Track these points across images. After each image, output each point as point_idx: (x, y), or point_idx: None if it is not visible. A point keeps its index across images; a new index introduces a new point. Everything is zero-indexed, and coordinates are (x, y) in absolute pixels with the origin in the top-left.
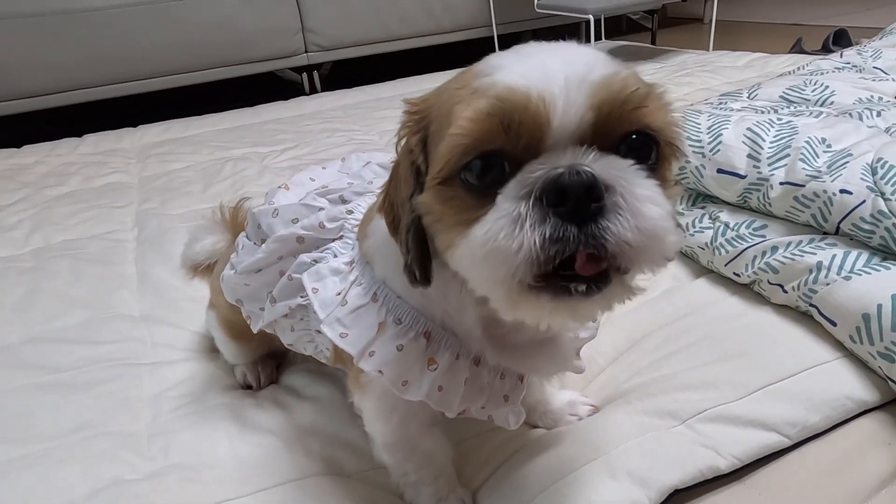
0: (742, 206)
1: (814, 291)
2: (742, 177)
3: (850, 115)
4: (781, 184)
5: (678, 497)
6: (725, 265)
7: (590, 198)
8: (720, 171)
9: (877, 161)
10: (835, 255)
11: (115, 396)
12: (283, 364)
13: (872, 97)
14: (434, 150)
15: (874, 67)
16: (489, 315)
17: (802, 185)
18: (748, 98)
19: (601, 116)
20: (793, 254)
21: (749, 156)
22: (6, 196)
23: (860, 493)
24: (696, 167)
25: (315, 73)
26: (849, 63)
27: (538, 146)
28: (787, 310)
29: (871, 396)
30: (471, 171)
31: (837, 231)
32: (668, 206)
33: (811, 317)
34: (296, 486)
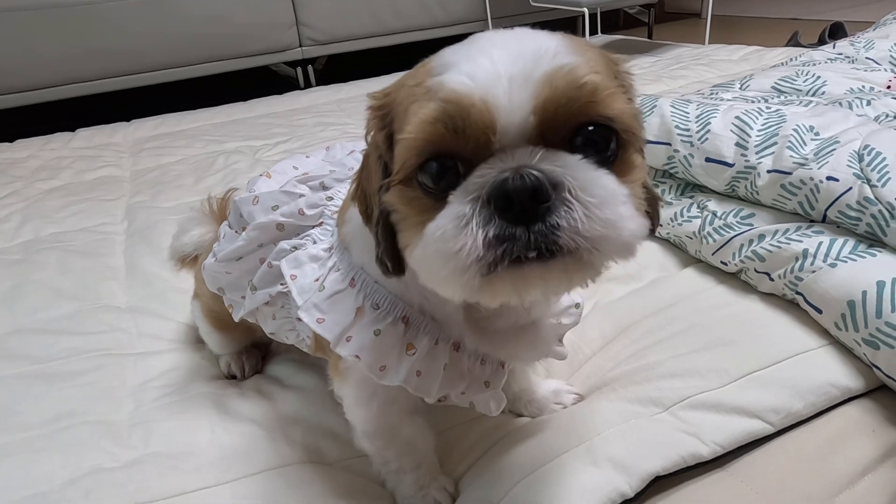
0: (730, 195)
1: (800, 279)
2: (730, 165)
3: (840, 105)
4: (769, 171)
5: (659, 484)
6: (713, 254)
7: (536, 200)
8: (708, 160)
9: (864, 148)
10: (821, 243)
11: (98, 386)
12: (268, 355)
13: (864, 87)
14: (396, 149)
15: (866, 58)
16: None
17: (789, 173)
18: (740, 89)
19: (547, 116)
20: (779, 242)
21: (737, 144)
22: None
23: (843, 480)
24: (685, 156)
25: (309, 68)
26: (841, 54)
27: (486, 148)
28: (774, 298)
29: (856, 384)
30: (426, 174)
31: (824, 219)
32: (626, 194)
33: (797, 305)
34: (277, 474)
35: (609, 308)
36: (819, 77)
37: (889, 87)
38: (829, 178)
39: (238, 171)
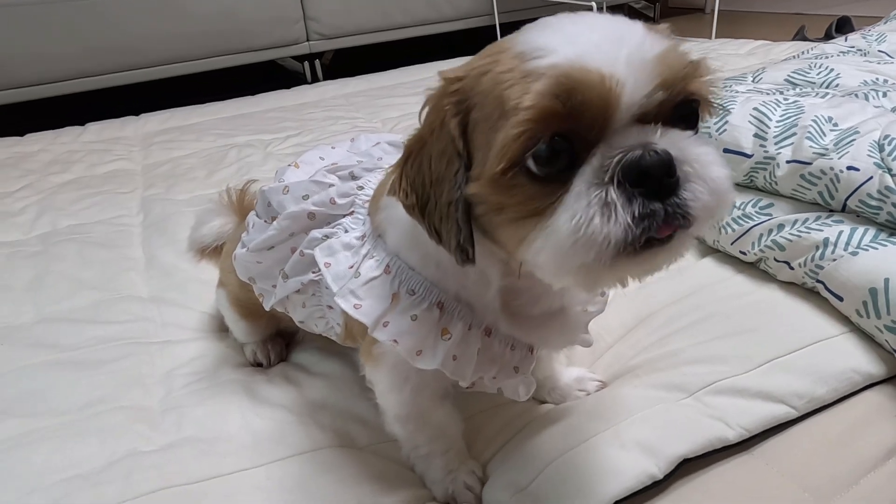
0: (748, 186)
1: (820, 267)
2: (748, 156)
3: (856, 96)
4: (788, 162)
5: (687, 466)
6: (732, 244)
7: (668, 174)
8: (726, 151)
9: (884, 138)
10: (841, 232)
11: (127, 373)
12: (292, 343)
13: (878, 80)
14: (479, 138)
15: (879, 51)
16: (509, 287)
17: (809, 163)
18: (753, 82)
19: (666, 93)
20: (799, 231)
21: (755, 135)
22: (11, 183)
23: (866, 464)
24: None
25: (317, 62)
26: (853, 47)
27: (602, 126)
28: (794, 287)
29: (878, 370)
30: (537, 159)
31: (844, 208)
32: (723, 163)
33: (817, 293)
34: (309, 458)
35: (629, 297)
36: (832, 70)
37: None
38: (850, 168)
39: (252, 164)
